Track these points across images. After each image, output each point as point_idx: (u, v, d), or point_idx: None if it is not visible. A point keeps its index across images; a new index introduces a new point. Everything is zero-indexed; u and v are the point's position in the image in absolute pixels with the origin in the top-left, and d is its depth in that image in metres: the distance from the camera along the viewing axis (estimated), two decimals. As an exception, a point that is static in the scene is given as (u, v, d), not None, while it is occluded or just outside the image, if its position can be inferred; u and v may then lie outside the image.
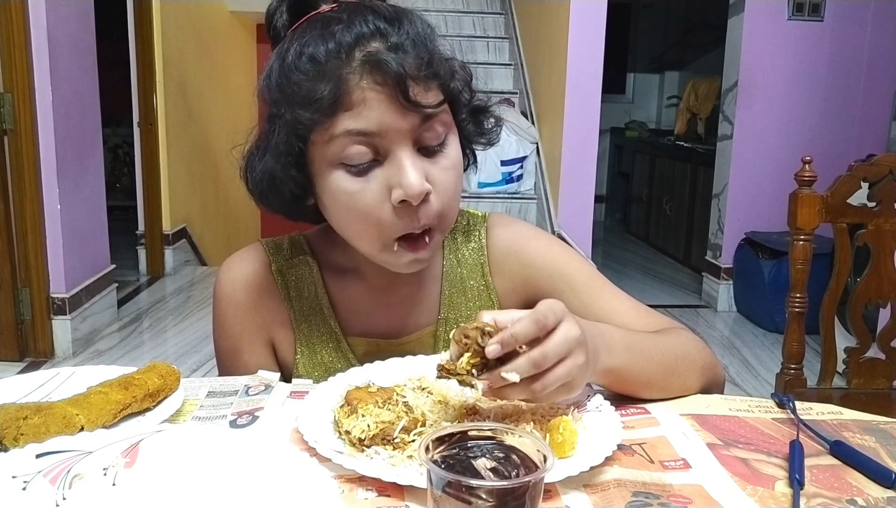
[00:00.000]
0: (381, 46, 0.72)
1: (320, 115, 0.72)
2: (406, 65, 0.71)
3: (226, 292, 0.90)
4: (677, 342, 0.83)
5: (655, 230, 5.52)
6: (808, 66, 3.75)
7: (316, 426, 0.67)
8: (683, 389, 0.81)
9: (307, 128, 0.73)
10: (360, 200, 0.74)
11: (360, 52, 0.72)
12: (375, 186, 0.74)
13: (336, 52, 0.71)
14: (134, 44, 4.15)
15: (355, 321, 0.91)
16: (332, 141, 0.73)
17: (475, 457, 0.52)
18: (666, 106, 6.70)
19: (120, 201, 5.13)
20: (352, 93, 0.71)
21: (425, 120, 0.73)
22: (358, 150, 0.73)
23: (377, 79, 0.71)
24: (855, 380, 1.54)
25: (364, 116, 0.71)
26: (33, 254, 2.94)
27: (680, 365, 0.80)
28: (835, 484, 0.64)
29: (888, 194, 1.49)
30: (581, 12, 3.45)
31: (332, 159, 0.74)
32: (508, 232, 0.93)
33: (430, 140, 0.75)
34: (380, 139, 0.72)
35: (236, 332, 0.90)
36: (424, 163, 0.75)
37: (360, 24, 0.73)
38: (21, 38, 2.80)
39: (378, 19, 0.73)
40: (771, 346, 3.33)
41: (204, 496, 0.58)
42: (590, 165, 3.60)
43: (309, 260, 0.91)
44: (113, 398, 0.69)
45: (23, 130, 2.85)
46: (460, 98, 0.80)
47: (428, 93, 0.73)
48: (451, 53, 0.79)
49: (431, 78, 0.73)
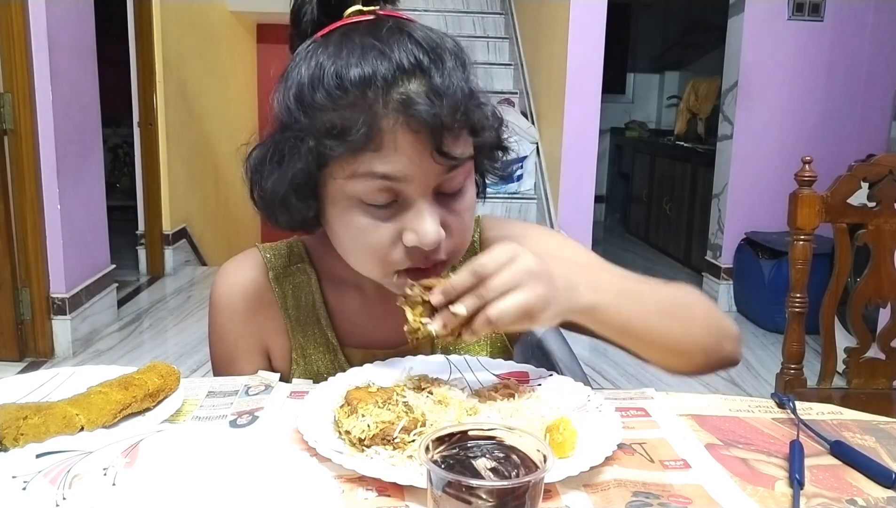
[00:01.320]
0: (420, 89, 0.68)
1: (347, 151, 0.69)
2: (443, 115, 0.68)
3: (222, 299, 0.89)
4: (678, 291, 0.79)
5: (655, 230, 5.52)
6: (808, 66, 3.75)
7: (316, 426, 0.67)
8: (686, 338, 0.77)
9: (329, 159, 0.70)
10: (373, 238, 0.73)
11: (397, 91, 0.68)
12: (390, 226, 0.72)
13: (371, 83, 0.68)
14: (134, 44, 4.15)
15: (352, 331, 0.90)
16: (354, 178, 0.70)
17: (475, 457, 0.52)
18: (666, 106, 6.70)
19: (120, 200, 5.12)
20: (384, 134, 0.68)
21: (451, 170, 0.72)
22: (380, 191, 0.70)
23: (412, 126, 0.68)
24: (855, 380, 1.54)
25: (392, 160, 0.69)
26: (33, 254, 2.94)
27: (680, 312, 0.77)
28: (835, 484, 0.64)
29: (888, 193, 1.49)
30: (581, 12, 3.45)
31: (351, 195, 0.72)
32: (500, 233, 0.91)
33: (451, 188, 0.74)
34: (404, 185, 0.70)
35: (232, 339, 0.90)
36: (441, 209, 0.73)
37: (399, 53, 0.69)
38: (21, 38, 2.80)
39: (419, 50, 0.69)
40: (771, 346, 3.33)
41: (204, 496, 0.58)
42: (590, 165, 3.60)
43: (307, 268, 0.90)
44: (113, 398, 0.69)
45: (23, 130, 2.85)
46: (487, 145, 0.78)
47: (458, 142, 0.71)
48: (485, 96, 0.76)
49: (465, 128, 0.71)
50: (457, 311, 0.66)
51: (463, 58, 0.74)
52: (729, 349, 0.81)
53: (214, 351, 0.92)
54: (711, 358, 0.80)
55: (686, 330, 0.77)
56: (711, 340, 0.79)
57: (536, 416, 0.70)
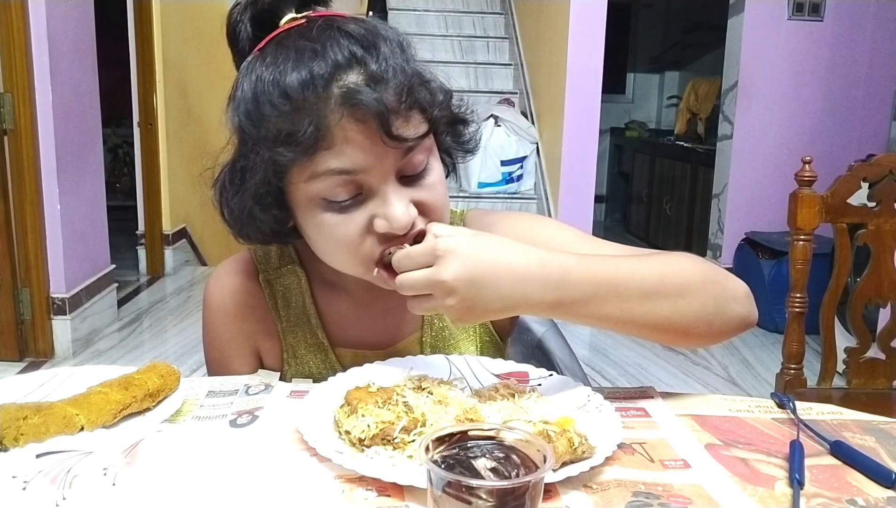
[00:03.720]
0: (359, 79, 0.69)
1: (300, 154, 0.69)
2: (386, 99, 0.68)
3: (214, 302, 0.91)
4: (665, 261, 0.75)
5: (655, 230, 5.52)
6: (808, 66, 3.75)
7: (316, 426, 0.67)
8: (676, 314, 0.73)
9: (286, 167, 0.71)
10: (344, 232, 0.73)
11: (337, 86, 0.68)
12: (359, 218, 0.72)
13: (311, 86, 0.68)
14: (134, 44, 4.15)
15: (342, 332, 0.90)
16: (314, 179, 0.71)
17: (475, 457, 0.52)
18: (666, 106, 6.69)
19: (120, 201, 5.12)
20: (333, 131, 0.68)
21: (408, 151, 0.72)
22: (341, 187, 0.71)
23: (358, 116, 0.68)
24: (855, 380, 1.54)
25: (347, 154, 0.69)
26: (33, 254, 2.94)
27: (668, 289, 0.72)
28: (835, 484, 0.64)
29: (888, 194, 1.49)
30: (581, 12, 3.45)
31: (314, 196, 0.72)
32: (482, 226, 0.89)
33: (414, 169, 0.73)
34: (363, 176, 0.70)
35: (225, 341, 0.91)
36: (408, 190, 0.73)
37: (333, 51, 0.69)
38: (21, 38, 2.80)
39: (353, 44, 0.70)
40: (771, 346, 3.33)
41: (204, 496, 0.58)
42: (590, 165, 3.61)
43: (297, 270, 0.90)
44: (113, 398, 0.69)
45: (23, 130, 2.85)
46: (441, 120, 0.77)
47: (409, 123, 0.71)
48: (430, 73, 0.76)
49: (413, 108, 0.71)
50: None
51: (400, 40, 0.74)
52: (738, 310, 0.76)
53: (208, 353, 0.93)
54: (716, 325, 0.76)
55: (675, 306, 0.72)
56: (710, 308, 0.74)
57: (536, 416, 0.70)
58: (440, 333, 0.90)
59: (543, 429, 0.63)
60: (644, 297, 0.72)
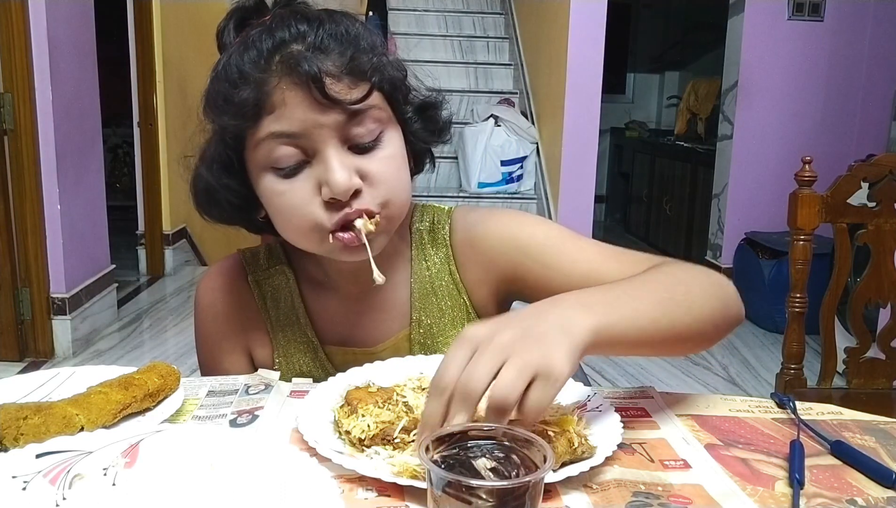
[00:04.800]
0: (300, 48, 0.73)
1: (244, 120, 0.73)
2: (322, 63, 0.71)
3: (205, 303, 0.93)
4: (663, 272, 0.75)
5: (655, 230, 5.52)
6: (808, 66, 3.75)
7: (316, 426, 0.67)
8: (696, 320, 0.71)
9: (233, 135, 0.75)
10: (291, 199, 0.75)
11: (279, 55, 0.72)
12: (305, 184, 0.74)
13: (256, 58, 0.73)
14: (134, 44, 4.15)
15: (331, 330, 0.91)
16: (260, 145, 0.74)
17: (475, 457, 0.52)
18: (666, 106, 6.70)
19: (120, 201, 5.12)
20: (272, 95, 0.72)
21: (352, 117, 0.73)
22: (285, 151, 0.73)
23: (294, 79, 0.71)
24: (855, 380, 1.54)
25: (286, 117, 0.72)
26: (33, 254, 2.94)
27: (677, 292, 0.71)
28: (835, 484, 0.64)
29: (888, 194, 1.49)
30: (581, 12, 3.45)
31: (262, 164, 0.75)
32: (467, 221, 0.89)
33: (360, 137, 0.74)
34: (305, 140, 0.73)
35: (216, 341, 0.92)
36: (355, 159, 0.75)
37: (281, 29, 0.74)
38: (21, 38, 2.80)
39: (300, 22, 0.74)
40: (771, 346, 3.33)
41: (204, 495, 0.58)
42: (590, 165, 3.60)
43: (286, 270, 0.91)
44: (113, 398, 0.69)
45: (23, 130, 2.85)
46: (396, 94, 0.79)
47: (352, 90, 0.73)
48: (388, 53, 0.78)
49: (355, 73, 0.73)
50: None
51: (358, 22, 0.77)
52: (734, 309, 0.77)
53: (200, 354, 0.95)
54: (720, 327, 0.75)
55: (689, 309, 0.70)
56: (717, 310, 0.74)
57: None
58: (429, 330, 0.90)
59: (543, 429, 0.63)
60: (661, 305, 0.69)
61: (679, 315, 0.70)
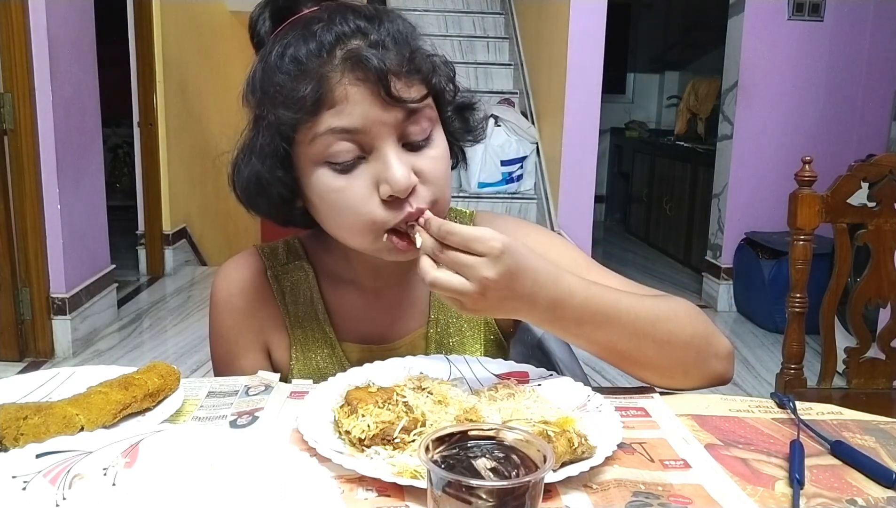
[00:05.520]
0: (361, 44, 0.73)
1: (303, 113, 0.72)
2: (387, 60, 0.72)
3: (222, 298, 0.91)
4: (662, 306, 0.78)
5: (655, 230, 5.52)
6: (808, 66, 3.74)
7: (316, 426, 0.67)
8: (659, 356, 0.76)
9: (291, 127, 0.74)
10: (349, 197, 0.75)
11: (340, 50, 0.72)
12: (362, 182, 0.74)
13: (317, 52, 0.72)
14: (134, 44, 4.15)
15: (350, 326, 0.91)
16: (317, 140, 0.73)
17: (475, 457, 0.52)
18: (666, 106, 6.70)
19: (120, 201, 5.12)
20: (334, 90, 0.71)
21: (409, 115, 0.74)
22: (343, 147, 0.73)
23: (359, 75, 0.71)
24: (855, 380, 1.54)
25: (347, 112, 0.72)
26: (33, 254, 2.94)
27: (657, 332, 0.75)
28: (835, 484, 0.64)
29: (888, 193, 1.49)
30: (581, 12, 3.45)
31: (317, 158, 0.74)
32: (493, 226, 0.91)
33: (415, 135, 0.75)
34: (364, 135, 0.73)
35: (232, 337, 0.91)
36: (410, 157, 0.75)
37: (340, 23, 0.74)
38: (21, 38, 2.80)
39: (358, 18, 0.74)
40: (771, 346, 3.33)
41: (204, 496, 0.58)
42: (590, 165, 3.60)
43: (305, 265, 0.91)
44: (113, 398, 0.69)
45: (23, 130, 2.85)
46: (444, 94, 0.80)
47: (411, 88, 0.74)
48: (433, 50, 0.79)
49: (413, 73, 0.74)
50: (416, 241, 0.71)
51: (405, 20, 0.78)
52: (717, 368, 0.80)
53: (215, 350, 0.93)
54: (693, 375, 0.79)
55: (659, 350, 0.76)
56: (691, 359, 0.78)
57: (536, 416, 0.70)
58: (446, 329, 0.91)
59: (543, 429, 0.63)
60: (633, 334, 0.75)
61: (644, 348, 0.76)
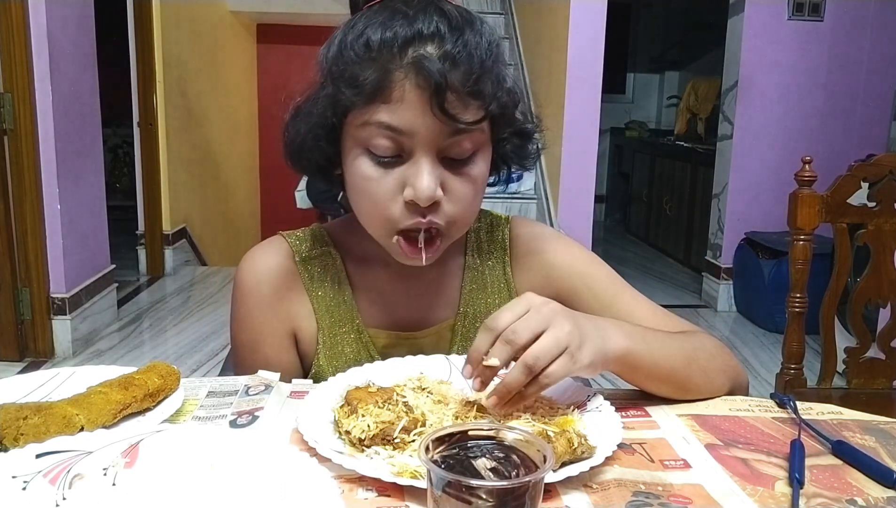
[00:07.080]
0: (434, 51, 0.73)
1: (359, 98, 0.74)
2: (451, 76, 0.72)
3: (248, 285, 0.89)
4: (696, 339, 0.83)
5: (655, 230, 5.52)
6: (808, 66, 3.74)
7: (316, 426, 0.67)
8: (707, 383, 0.80)
9: (345, 106, 0.76)
10: (376, 188, 0.77)
11: (413, 50, 0.73)
12: (392, 179, 0.76)
13: (390, 44, 0.73)
14: (134, 44, 4.15)
15: (377, 313, 0.91)
16: (365, 127, 0.75)
17: (475, 457, 0.52)
18: (666, 106, 6.70)
19: (120, 201, 5.12)
20: (393, 87, 0.73)
21: (456, 133, 0.74)
22: (385, 143, 0.75)
23: (420, 81, 0.72)
24: (855, 380, 1.54)
25: (399, 113, 0.73)
26: (33, 254, 2.94)
27: (700, 357, 0.80)
28: (835, 484, 0.64)
29: (888, 194, 1.49)
30: (581, 12, 3.45)
31: (361, 143, 0.76)
32: (531, 231, 0.95)
33: (455, 153, 0.76)
34: (407, 138, 0.74)
35: (257, 325, 0.89)
36: (444, 172, 0.76)
37: (422, 22, 0.73)
38: (21, 38, 2.80)
39: (442, 20, 0.74)
40: (771, 346, 3.33)
41: (204, 496, 0.58)
42: (590, 165, 3.60)
43: (332, 251, 0.91)
44: (113, 398, 0.69)
45: (23, 130, 2.85)
46: (502, 119, 0.80)
47: (466, 109, 0.74)
48: (510, 80, 0.79)
49: (474, 95, 0.74)
50: (490, 363, 0.66)
51: (489, 38, 0.77)
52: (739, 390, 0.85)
53: (238, 338, 0.91)
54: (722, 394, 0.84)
55: (706, 374, 0.80)
56: (726, 385, 0.83)
57: (536, 416, 0.70)
58: (472, 324, 0.92)
59: (543, 429, 0.63)
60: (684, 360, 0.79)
61: (694, 373, 0.79)
